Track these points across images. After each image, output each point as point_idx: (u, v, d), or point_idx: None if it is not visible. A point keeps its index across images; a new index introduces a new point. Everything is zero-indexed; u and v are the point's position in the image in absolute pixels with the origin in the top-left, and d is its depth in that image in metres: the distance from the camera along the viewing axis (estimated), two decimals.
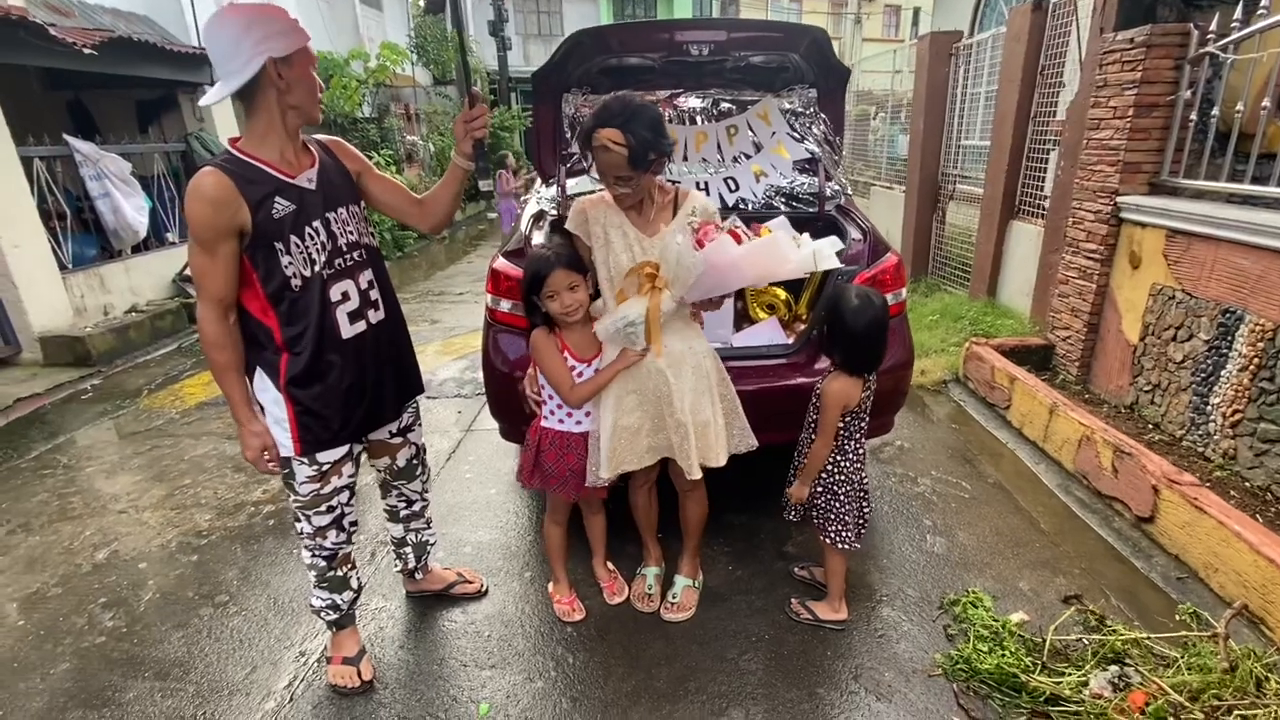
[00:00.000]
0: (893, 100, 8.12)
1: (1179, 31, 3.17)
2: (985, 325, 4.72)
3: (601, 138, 1.75)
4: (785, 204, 3.14)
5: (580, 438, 2.03)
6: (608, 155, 1.77)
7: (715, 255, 1.75)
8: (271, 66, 1.54)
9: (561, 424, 2.04)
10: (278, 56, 1.54)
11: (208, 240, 1.56)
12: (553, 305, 1.88)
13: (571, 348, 1.95)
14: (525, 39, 21.74)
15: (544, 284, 1.86)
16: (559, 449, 2.04)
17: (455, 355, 5.09)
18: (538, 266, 1.87)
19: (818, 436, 2.01)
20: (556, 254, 1.89)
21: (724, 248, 1.74)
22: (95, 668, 2.16)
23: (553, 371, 1.94)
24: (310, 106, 1.66)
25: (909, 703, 1.93)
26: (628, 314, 1.86)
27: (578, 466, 2.04)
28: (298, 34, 1.58)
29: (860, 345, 1.92)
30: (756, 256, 1.77)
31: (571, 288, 1.88)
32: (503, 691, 2.00)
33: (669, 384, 1.94)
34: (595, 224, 1.94)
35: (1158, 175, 3.37)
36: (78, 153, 5.41)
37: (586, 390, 1.94)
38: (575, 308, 1.89)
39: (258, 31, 1.52)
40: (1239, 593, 2.20)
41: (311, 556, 1.91)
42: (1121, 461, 2.75)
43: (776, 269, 1.84)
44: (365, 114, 10.39)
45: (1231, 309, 2.83)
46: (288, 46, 1.55)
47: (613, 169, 1.80)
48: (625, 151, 1.73)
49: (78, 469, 3.52)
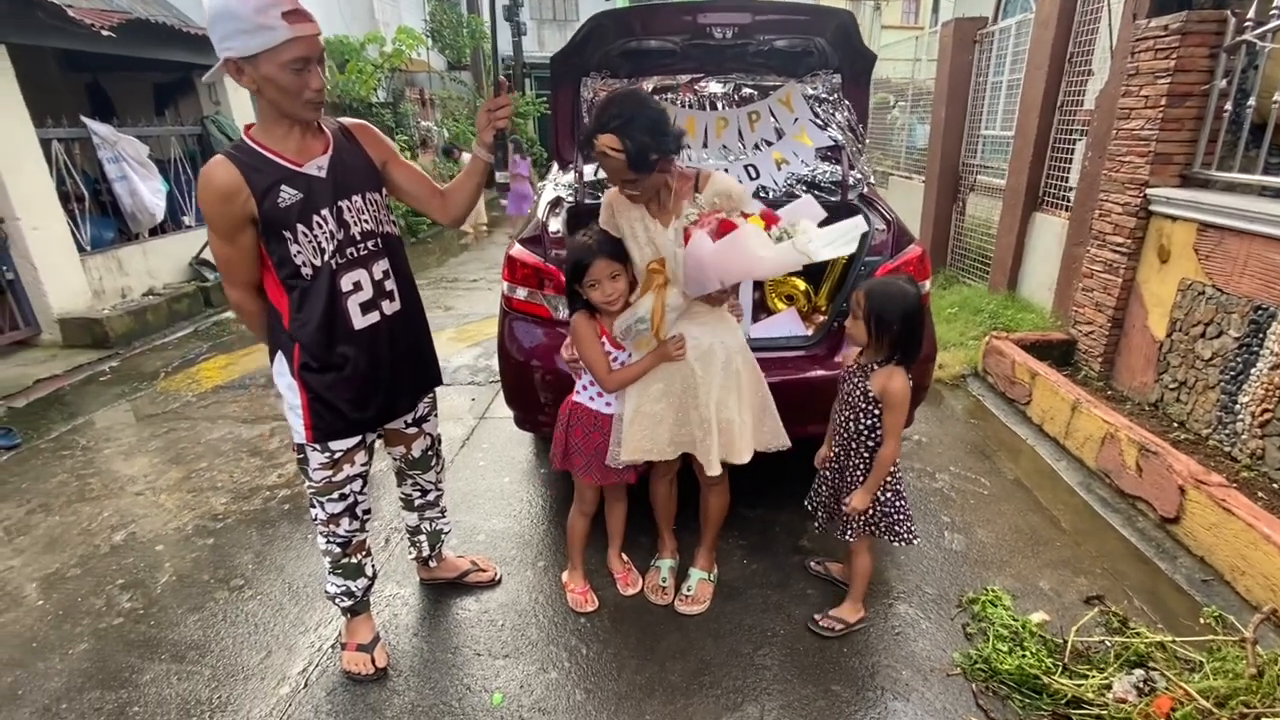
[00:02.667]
0: (913, 89, 7.97)
1: (1215, 19, 3.07)
2: (1005, 319, 4.64)
3: (600, 144, 1.70)
4: (806, 192, 3.08)
5: (608, 419, 2.03)
6: (608, 161, 1.73)
7: (692, 251, 1.71)
8: (231, 66, 1.48)
9: (592, 401, 2.04)
10: (237, 57, 1.47)
11: (223, 230, 1.57)
12: (595, 294, 1.87)
13: (610, 336, 1.94)
14: (540, 24, 21.55)
15: (586, 272, 1.85)
16: (586, 426, 2.04)
17: (469, 342, 5.09)
18: (580, 255, 1.86)
19: (888, 439, 1.89)
20: (599, 243, 1.87)
21: (699, 244, 1.69)
22: (113, 649, 2.17)
23: (591, 357, 1.93)
24: (293, 108, 1.55)
25: (926, 702, 1.90)
26: (638, 311, 1.85)
27: (603, 447, 2.03)
28: (266, 34, 1.43)
29: (916, 334, 1.85)
30: (729, 252, 1.67)
31: (614, 276, 1.86)
32: (516, 681, 1.99)
33: (696, 376, 1.91)
34: (621, 218, 1.91)
35: (1189, 167, 3.28)
36: (95, 135, 5.43)
37: (623, 377, 1.93)
38: (616, 297, 1.88)
39: (220, 28, 1.45)
40: (1267, 597, 2.15)
41: (326, 543, 1.91)
42: (1146, 460, 2.70)
43: (754, 265, 1.72)
44: (380, 99, 10.34)
45: (1264, 305, 2.76)
46: (250, 47, 1.45)
47: (615, 174, 1.76)
48: (623, 158, 1.68)
49: (96, 450, 3.55)
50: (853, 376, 1.95)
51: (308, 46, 1.49)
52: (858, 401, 1.92)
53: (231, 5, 1.42)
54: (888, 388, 1.85)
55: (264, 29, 1.43)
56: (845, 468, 2.01)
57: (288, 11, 1.44)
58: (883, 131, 8.81)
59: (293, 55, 1.47)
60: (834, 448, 2.05)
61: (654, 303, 1.84)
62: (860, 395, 1.92)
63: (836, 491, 2.07)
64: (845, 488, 2.01)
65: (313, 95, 1.54)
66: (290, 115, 1.57)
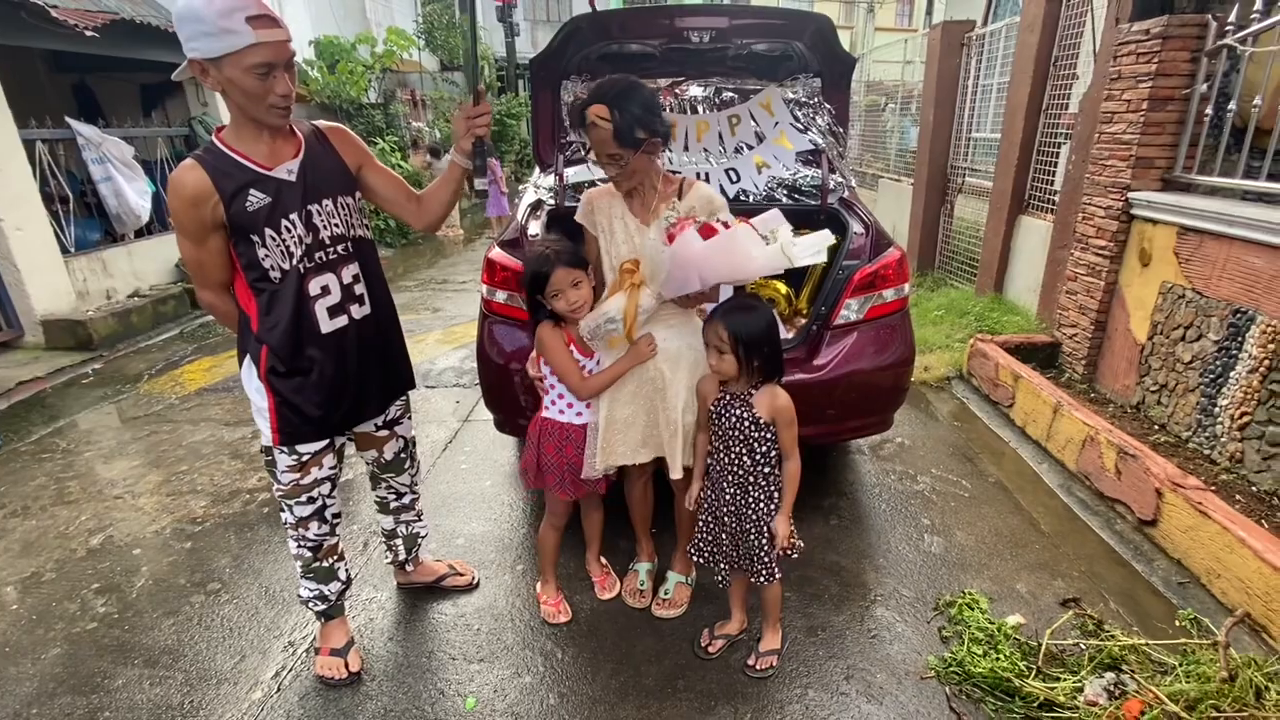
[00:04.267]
0: (903, 91, 8.00)
1: (1196, 23, 3.08)
2: (991, 321, 4.66)
3: (591, 114, 1.73)
4: (787, 196, 3.09)
5: (580, 429, 2.01)
6: (596, 131, 1.75)
7: (680, 250, 1.71)
8: (196, 67, 1.48)
9: (562, 414, 2.01)
10: (201, 58, 1.46)
11: (192, 233, 1.57)
12: (558, 304, 1.86)
13: (578, 342, 1.93)
14: (534, 25, 21.56)
15: (547, 283, 1.83)
16: (558, 440, 2.02)
17: (455, 344, 5.07)
18: (538, 265, 1.84)
19: (790, 456, 1.82)
20: (556, 252, 1.85)
21: (688, 242, 1.69)
22: (86, 654, 2.16)
23: (561, 365, 1.91)
24: (258, 113, 1.53)
25: (900, 705, 1.90)
26: (608, 310, 1.83)
27: (576, 461, 2.01)
28: (229, 37, 1.42)
29: (780, 348, 1.79)
30: (720, 251, 1.69)
31: (575, 284, 1.85)
32: (490, 686, 1.98)
33: (664, 378, 1.92)
34: (600, 214, 1.93)
35: (1170, 171, 3.29)
36: (80, 136, 5.40)
37: (599, 382, 1.92)
38: (580, 304, 1.86)
39: (185, 29, 1.44)
40: (1241, 600, 2.16)
41: (297, 547, 1.90)
42: (1125, 463, 2.70)
43: (744, 265, 1.73)
44: (371, 99, 10.32)
45: (1243, 309, 2.77)
46: (213, 50, 1.43)
47: (601, 146, 1.77)
48: (610, 128, 1.71)
49: (76, 453, 3.53)
50: (730, 411, 1.81)
51: (273, 52, 1.47)
52: (747, 431, 1.80)
53: (196, 7, 1.41)
54: (776, 406, 1.79)
55: (227, 33, 1.42)
56: (745, 504, 1.86)
57: (253, 16, 1.43)
58: (875, 134, 8.84)
59: (256, 60, 1.45)
60: (728, 488, 1.87)
61: (627, 303, 1.83)
62: (749, 424, 1.80)
63: (737, 534, 1.90)
64: (751, 525, 1.86)
65: (277, 100, 1.52)
66: (255, 119, 1.56)
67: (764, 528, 1.85)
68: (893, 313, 2.53)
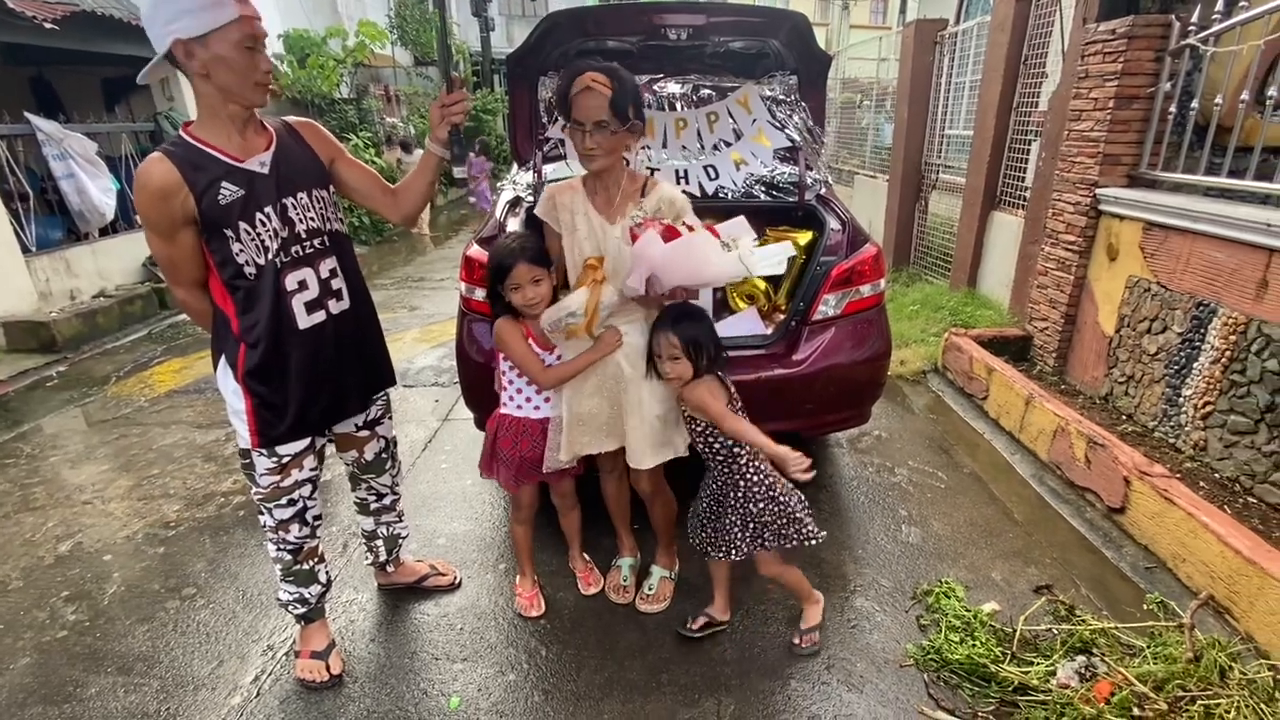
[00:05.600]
0: (878, 88, 8.08)
1: (1161, 23, 3.16)
2: (965, 315, 4.74)
3: (587, 79, 1.71)
4: (765, 193, 3.11)
5: (537, 424, 2.02)
6: (590, 96, 1.71)
7: (642, 250, 1.72)
8: (180, 49, 1.45)
9: (520, 409, 2.02)
10: (186, 37, 1.43)
11: (163, 229, 1.54)
12: (516, 298, 1.87)
13: (536, 337, 1.93)
14: (509, 20, 21.39)
15: (508, 276, 1.85)
16: (513, 435, 2.03)
17: (433, 343, 5.03)
18: (501, 258, 1.86)
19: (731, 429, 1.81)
20: (521, 246, 1.86)
21: (649, 244, 1.70)
22: (56, 662, 2.11)
23: (520, 357, 1.93)
24: (244, 91, 1.52)
25: (880, 693, 1.94)
26: (569, 305, 1.84)
27: (531, 455, 2.02)
28: (216, 11, 1.41)
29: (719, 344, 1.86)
30: (678, 256, 1.70)
31: (535, 281, 1.86)
32: (474, 685, 1.98)
33: (625, 374, 1.93)
34: (563, 210, 1.91)
35: (1136, 168, 3.38)
36: (40, 131, 5.24)
37: (561, 372, 1.93)
38: (538, 301, 1.87)
39: (165, 11, 1.42)
40: (1205, 583, 2.23)
41: (276, 550, 1.87)
42: (1094, 453, 2.78)
43: (700, 270, 1.74)
44: (343, 94, 10.16)
45: (1205, 302, 2.85)
46: (199, 26, 1.42)
47: (593, 113, 1.72)
48: (609, 93, 1.69)
49: (41, 458, 3.43)
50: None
51: (256, 25, 1.48)
52: (691, 428, 1.92)
53: None
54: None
55: (214, 6, 1.42)
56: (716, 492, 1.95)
57: None
58: (851, 131, 8.92)
59: (244, 33, 1.45)
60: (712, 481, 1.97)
61: (589, 298, 1.84)
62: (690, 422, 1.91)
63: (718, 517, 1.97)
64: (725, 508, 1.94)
65: (263, 78, 1.53)
66: (240, 99, 1.53)
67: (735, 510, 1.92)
68: (869, 308, 2.56)
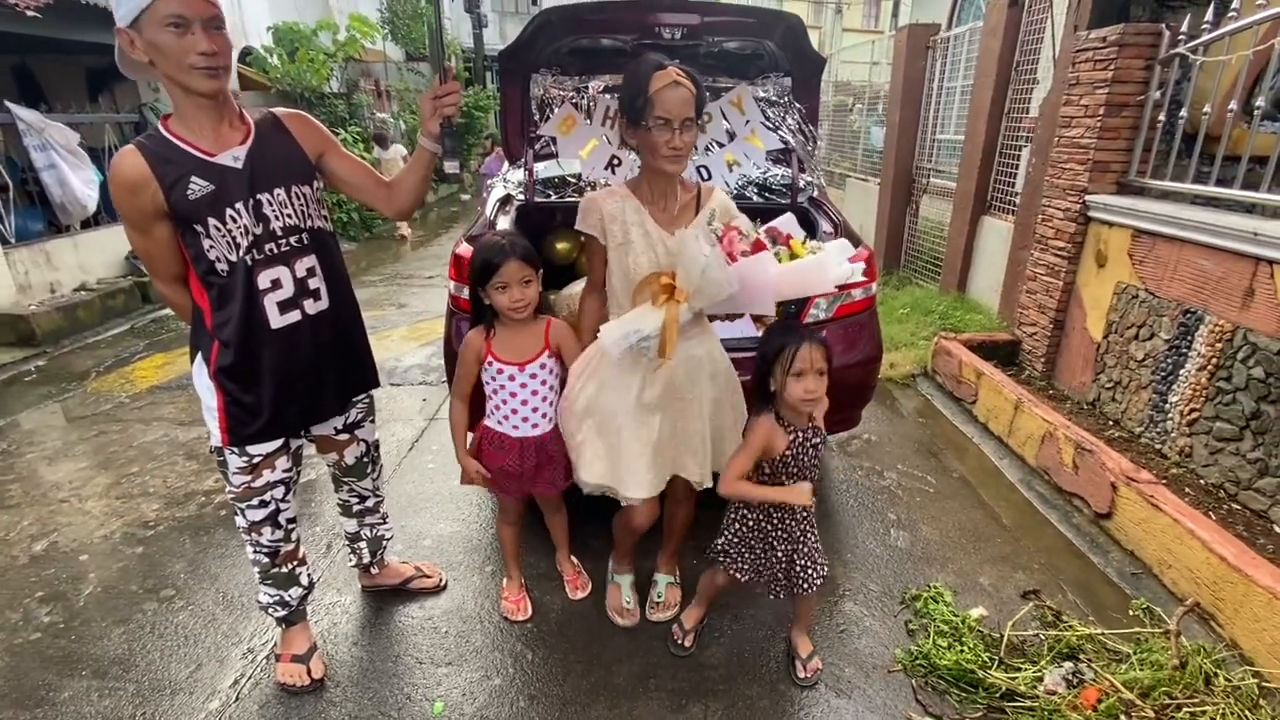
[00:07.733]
0: (870, 92, 8.11)
1: (1151, 31, 3.18)
2: (954, 320, 4.76)
3: (671, 73, 1.57)
4: (757, 195, 3.10)
5: (515, 442, 1.95)
6: (677, 91, 1.57)
7: (752, 273, 1.58)
8: (124, 39, 1.40)
9: (499, 425, 1.96)
10: (123, 26, 1.38)
11: (136, 222, 1.51)
12: (501, 298, 1.80)
13: (508, 348, 1.87)
14: (502, 16, 21.27)
15: (496, 273, 1.77)
16: (495, 448, 1.98)
17: (421, 341, 4.98)
18: (490, 255, 1.77)
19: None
20: (512, 243, 1.79)
21: (763, 266, 1.57)
22: (29, 665, 2.05)
23: (460, 374, 1.92)
24: (179, 75, 1.42)
25: (868, 698, 1.93)
26: (641, 327, 1.66)
27: (513, 470, 1.97)
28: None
29: None
30: (798, 275, 1.61)
31: (525, 281, 1.80)
32: (459, 689, 1.95)
33: (689, 392, 1.83)
34: (613, 222, 1.74)
35: (1125, 175, 3.40)
36: (21, 121, 5.14)
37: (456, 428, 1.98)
38: (524, 304, 1.81)
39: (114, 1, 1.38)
40: (1191, 589, 2.24)
41: (253, 552, 1.84)
42: (1082, 458, 2.79)
43: (814, 287, 1.68)
44: (333, 89, 10.05)
45: (1192, 309, 2.87)
46: (130, 10, 1.36)
47: (684, 108, 1.58)
48: (694, 89, 1.59)
49: (18, 455, 3.36)
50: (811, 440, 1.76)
51: (183, 4, 1.38)
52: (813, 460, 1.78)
53: None
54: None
55: None
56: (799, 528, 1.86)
57: None
58: (843, 134, 8.94)
59: (167, 11, 1.36)
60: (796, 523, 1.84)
61: (666, 319, 1.65)
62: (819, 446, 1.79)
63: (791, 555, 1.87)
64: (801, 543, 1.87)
65: (198, 60, 1.41)
66: (181, 85, 1.45)
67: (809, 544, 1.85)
68: (861, 311, 2.56)
